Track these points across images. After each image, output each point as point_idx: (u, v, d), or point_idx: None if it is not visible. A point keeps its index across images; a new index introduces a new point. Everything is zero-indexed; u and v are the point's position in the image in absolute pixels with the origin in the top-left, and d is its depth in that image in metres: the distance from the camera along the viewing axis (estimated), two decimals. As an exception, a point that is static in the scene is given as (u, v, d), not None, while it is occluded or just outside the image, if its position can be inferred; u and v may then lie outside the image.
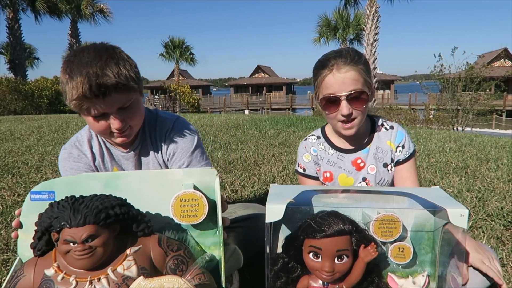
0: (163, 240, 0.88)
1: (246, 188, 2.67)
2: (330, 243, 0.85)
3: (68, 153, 1.33)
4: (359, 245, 0.88)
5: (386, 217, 0.87)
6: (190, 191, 0.94)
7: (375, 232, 0.88)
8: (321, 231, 0.85)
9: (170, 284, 0.72)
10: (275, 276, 0.92)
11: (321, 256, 0.86)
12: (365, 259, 0.87)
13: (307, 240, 0.88)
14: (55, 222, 0.75)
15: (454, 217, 0.80)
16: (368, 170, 1.40)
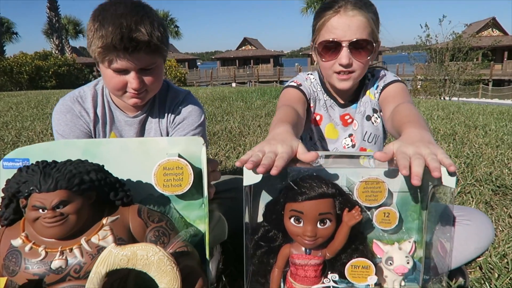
0: (143, 211, 0.82)
1: (231, 159, 2.62)
2: (312, 206, 0.81)
3: (68, 107, 1.24)
4: (343, 209, 0.83)
5: (371, 179, 0.82)
6: (174, 159, 0.88)
7: (359, 196, 0.83)
8: (303, 194, 0.80)
9: (144, 252, 0.66)
10: (256, 245, 0.88)
11: (303, 220, 0.82)
12: (349, 223, 0.82)
13: (288, 204, 0.84)
14: (23, 187, 0.68)
15: (443, 175, 0.73)
16: (353, 126, 1.35)
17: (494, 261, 1.35)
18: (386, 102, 1.24)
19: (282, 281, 0.90)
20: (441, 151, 0.75)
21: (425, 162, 0.72)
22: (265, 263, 0.89)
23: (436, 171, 0.70)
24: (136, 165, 0.91)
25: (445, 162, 0.72)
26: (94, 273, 0.66)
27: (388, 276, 0.87)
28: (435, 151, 0.74)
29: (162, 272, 0.69)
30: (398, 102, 1.16)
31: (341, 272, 0.85)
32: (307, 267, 0.84)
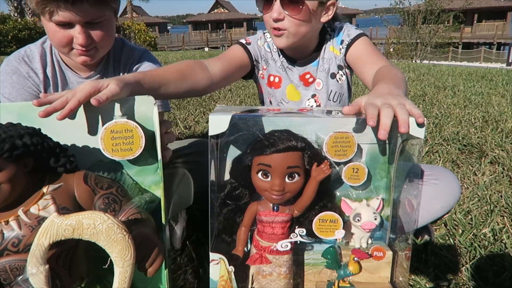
0: (90, 177, 0.75)
1: (200, 124, 2.55)
2: (280, 159, 0.77)
3: (14, 67, 1.13)
4: (312, 164, 0.80)
5: (341, 134, 0.79)
6: (122, 120, 0.80)
7: (329, 151, 0.80)
8: (271, 146, 0.77)
9: (90, 220, 0.61)
10: (222, 204, 0.84)
11: (271, 174, 0.78)
12: (317, 178, 0.79)
13: (256, 158, 0.80)
14: None
15: (412, 126, 0.70)
16: (315, 85, 1.27)
17: (458, 218, 1.38)
18: (360, 62, 1.18)
19: (249, 240, 0.87)
20: (409, 102, 0.72)
21: (393, 113, 0.69)
22: (231, 221, 0.86)
23: (404, 126, 0.67)
24: (81, 129, 0.83)
25: (414, 113, 0.69)
26: (36, 245, 0.60)
27: (355, 233, 0.86)
28: (403, 102, 0.71)
29: (113, 241, 0.64)
30: (377, 64, 1.11)
31: (309, 230, 0.83)
32: (275, 224, 0.82)
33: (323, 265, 0.90)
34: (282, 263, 0.83)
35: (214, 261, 0.80)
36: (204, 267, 1.04)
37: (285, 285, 0.84)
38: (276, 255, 0.82)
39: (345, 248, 0.87)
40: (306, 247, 0.90)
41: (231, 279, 0.80)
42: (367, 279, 0.86)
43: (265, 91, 1.33)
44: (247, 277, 0.86)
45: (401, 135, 0.80)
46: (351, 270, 0.83)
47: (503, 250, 1.20)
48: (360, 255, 0.82)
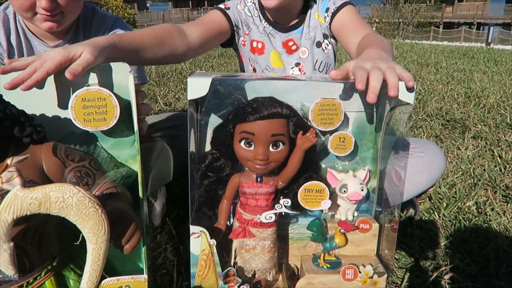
0: (59, 149, 0.69)
1: (181, 101, 2.48)
2: (264, 126, 0.72)
3: None
4: (297, 133, 0.76)
5: (327, 101, 0.74)
6: (94, 88, 0.74)
7: (315, 120, 0.76)
8: (254, 113, 0.72)
9: (59, 193, 0.55)
10: (203, 175, 0.80)
11: (254, 143, 0.74)
12: (303, 147, 0.75)
13: (238, 125, 0.75)
14: None
15: (401, 90, 0.68)
16: (300, 53, 1.21)
17: (443, 191, 1.37)
18: (345, 31, 1.14)
19: (232, 214, 0.83)
20: (399, 66, 0.69)
21: (383, 76, 0.66)
22: (213, 194, 0.82)
23: (393, 89, 0.64)
24: (50, 98, 0.76)
25: (404, 76, 0.67)
26: (-1, 221, 0.55)
27: (341, 205, 0.83)
28: (393, 66, 0.69)
29: (84, 216, 0.58)
30: (362, 32, 1.07)
31: (294, 201, 0.79)
32: (258, 196, 0.78)
33: (308, 239, 0.88)
34: (266, 236, 0.80)
35: (195, 234, 0.76)
36: (185, 245, 1.00)
37: (269, 259, 0.81)
38: (259, 228, 0.79)
39: (331, 221, 0.85)
40: (291, 220, 0.87)
41: (213, 253, 0.76)
42: (353, 252, 0.84)
43: (247, 59, 1.26)
44: (230, 252, 0.83)
45: (390, 102, 0.77)
46: (337, 242, 0.80)
47: (487, 222, 1.20)
48: (347, 227, 0.79)
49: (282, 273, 0.85)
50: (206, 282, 0.77)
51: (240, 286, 0.77)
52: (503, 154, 1.75)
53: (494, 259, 1.00)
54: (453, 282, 0.93)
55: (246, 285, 0.77)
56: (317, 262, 0.82)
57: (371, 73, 0.66)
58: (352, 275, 0.78)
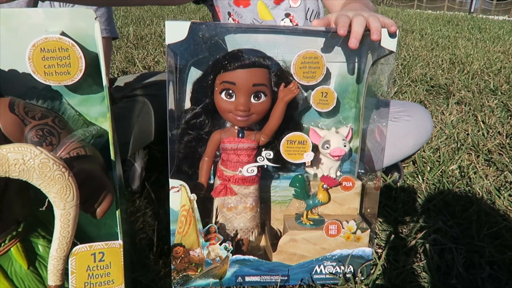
0: (17, 105, 0.63)
1: (161, 64, 2.38)
2: (245, 75, 0.69)
3: None
4: (279, 85, 0.72)
5: (309, 53, 0.71)
6: (54, 36, 0.66)
7: (297, 73, 0.72)
8: (235, 61, 0.69)
9: (18, 155, 0.49)
10: (183, 133, 0.76)
11: (235, 93, 0.70)
12: (285, 98, 0.72)
13: (219, 76, 0.71)
14: None
15: (384, 36, 0.67)
16: (291, 2, 1.12)
17: (427, 155, 1.36)
18: None
19: (212, 175, 0.80)
20: (381, 15, 0.68)
21: (366, 23, 0.65)
22: (192, 152, 0.78)
23: (376, 32, 0.64)
24: (3, 48, 0.68)
25: (387, 22, 0.66)
26: (-50, 187, 0.49)
27: (324, 163, 0.81)
28: (375, 14, 0.68)
29: (49, 180, 0.53)
30: None
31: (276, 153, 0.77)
32: (240, 151, 0.74)
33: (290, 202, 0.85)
34: (248, 193, 0.77)
35: (174, 188, 0.72)
36: (165, 209, 0.96)
37: (251, 218, 0.78)
38: (241, 185, 0.76)
39: (313, 180, 0.82)
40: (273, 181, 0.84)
41: (194, 209, 0.72)
42: (336, 211, 0.82)
43: (226, 14, 1.15)
44: (211, 212, 0.79)
45: (372, 53, 0.74)
46: (320, 198, 0.78)
47: (470, 185, 1.20)
48: (329, 181, 0.77)
49: (265, 234, 0.83)
50: (186, 240, 0.74)
51: (222, 243, 0.74)
52: (486, 119, 1.75)
53: (476, 221, 1.00)
54: (436, 244, 0.92)
55: (228, 243, 0.74)
56: (300, 220, 0.80)
57: (354, 19, 0.65)
58: (336, 231, 0.76)
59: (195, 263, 0.75)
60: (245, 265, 0.76)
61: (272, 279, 0.78)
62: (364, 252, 0.78)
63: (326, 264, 0.78)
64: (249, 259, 0.75)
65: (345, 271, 0.79)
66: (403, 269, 0.82)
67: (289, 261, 0.77)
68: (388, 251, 0.87)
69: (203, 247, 0.74)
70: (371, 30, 0.65)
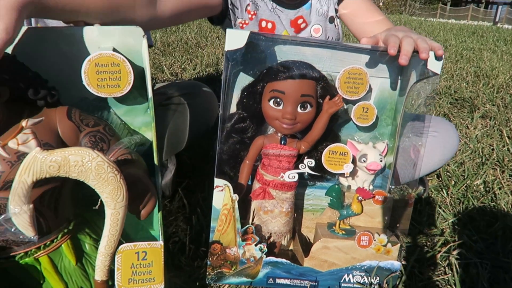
0: (74, 113, 0.68)
1: (187, 71, 2.45)
2: (294, 85, 0.74)
3: None
4: (324, 97, 0.78)
5: (354, 69, 0.76)
6: (107, 53, 0.72)
7: (341, 87, 0.77)
8: (287, 72, 0.74)
9: (78, 157, 0.55)
10: (227, 136, 0.80)
11: (283, 102, 0.75)
12: (329, 110, 0.77)
13: (269, 84, 0.76)
14: None
15: (430, 58, 0.72)
16: (312, 32, 1.13)
17: (452, 169, 1.37)
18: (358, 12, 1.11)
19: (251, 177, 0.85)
20: (428, 38, 0.73)
21: (415, 44, 0.71)
22: (235, 155, 0.83)
23: (425, 52, 0.69)
24: (61, 61, 0.74)
25: (434, 45, 0.72)
26: (18, 183, 0.54)
27: (359, 176, 0.85)
28: (423, 37, 0.73)
29: (103, 181, 0.58)
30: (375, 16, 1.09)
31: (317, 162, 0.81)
32: (281, 157, 0.79)
33: (321, 211, 0.88)
34: (285, 199, 0.81)
35: (219, 187, 0.76)
36: (197, 214, 1.01)
37: (285, 223, 0.82)
38: (280, 190, 0.80)
39: (347, 191, 0.86)
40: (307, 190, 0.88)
41: (234, 208, 0.76)
42: (367, 224, 0.85)
43: None
44: (248, 213, 0.83)
45: (416, 72, 0.78)
46: (354, 209, 0.81)
47: (495, 201, 1.21)
48: (365, 194, 0.80)
49: (296, 239, 0.87)
50: (224, 238, 0.78)
51: (257, 244, 0.78)
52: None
53: (501, 236, 1.01)
54: (461, 258, 0.93)
55: (263, 244, 0.78)
56: (332, 228, 0.84)
57: (404, 40, 0.71)
58: (367, 242, 0.79)
59: (230, 261, 0.79)
60: (277, 267, 0.79)
61: (302, 284, 0.81)
62: (392, 265, 0.81)
63: (355, 274, 0.81)
64: (282, 261, 0.79)
65: (371, 282, 0.82)
66: (428, 281, 0.85)
67: (319, 267, 0.80)
68: (413, 263, 0.89)
69: (239, 246, 0.78)
70: (420, 50, 0.70)
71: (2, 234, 0.61)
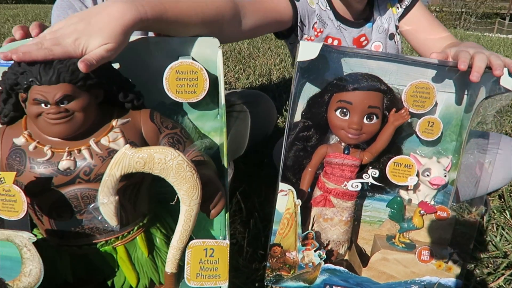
0: (155, 115, 0.74)
1: (241, 80, 2.51)
2: (362, 96, 0.76)
3: (69, 3, 1.12)
4: (390, 109, 0.79)
5: (422, 84, 0.77)
6: (187, 61, 0.78)
7: (407, 101, 0.79)
8: (355, 83, 0.76)
9: (162, 155, 0.59)
10: (292, 144, 0.83)
11: (350, 112, 0.78)
12: (395, 123, 0.78)
13: (336, 95, 0.79)
14: (22, 78, 0.59)
15: (504, 76, 0.72)
16: (373, 48, 1.15)
17: (515, 190, 1.32)
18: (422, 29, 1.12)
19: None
20: (501, 56, 0.73)
21: (487, 60, 0.70)
22: (298, 162, 0.85)
23: (499, 69, 0.69)
24: (144, 68, 0.81)
25: (507, 62, 0.71)
26: (108, 175, 0.60)
27: (421, 190, 0.84)
28: (496, 54, 0.73)
29: (182, 179, 0.62)
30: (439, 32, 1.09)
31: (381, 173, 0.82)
32: (344, 166, 0.81)
33: (379, 223, 0.89)
34: (345, 208, 0.82)
35: (283, 191, 0.78)
36: (254, 218, 1.04)
37: (344, 232, 0.84)
38: (341, 199, 0.82)
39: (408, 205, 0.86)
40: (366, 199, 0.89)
41: (297, 213, 0.79)
42: (427, 239, 0.85)
43: None
44: (307, 220, 0.85)
45: (486, 88, 0.78)
46: (415, 223, 0.81)
47: None
48: (427, 208, 0.80)
49: (352, 249, 0.87)
50: (285, 241, 0.80)
51: (317, 250, 0.80)
52: None
53: None
54: (526, 283, 0.90)
55: (322, 250, 0.80)
56: (391, 241, 0.84)
57: (476, 56, 0.70)
58: (428, 257, 0.79)
59: (289, 265, 0.81)
60: (335, 275, 0.81)
61: (358, 293, 0.82)
62: (453, 283, 0.80)
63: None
64: (340, 269, 0.80)
65: (430, 298, 0.81)
66: (490, 303, 0.82)
67: (377, 279, 0.80)
68: (475, 285, 0.87)
69: (299, 251, 0.80)
70: (493, 67, 0.70)
71: (90, 221, 0.68)
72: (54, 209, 0.67)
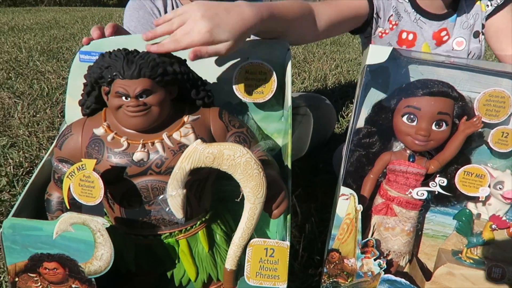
0: (224, 114, 0.76)
1: (296, 84, 2.51)
2: (431, 102, 0.73)
3: (140, 3, 1.19)
4: (461, 117, 0.75)
5: (496, 92, 0.73)
6: (257, 62, 0.79)
7: (479, 109, 0.75)
8: (424, 88, 0.73)
9: (231, 152, 0.60)
10: (353, 150, 0.81)
11: (418, 118, 0.74)
12: (466, 131, 0.74)
13: (404, 100, 0.76)
14: (106, 72, 0.63)
15: None
16: (454, 45, 1.08)
17: None
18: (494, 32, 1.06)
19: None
20: None
21: None
22: (359, 168, 0.83)
23: None
24: (213, 68, 0.83)
25: None
26: (178, 168, 0.62)
27: (492, 203, 0.79)
28: None
29: (248, 176, 0.63)
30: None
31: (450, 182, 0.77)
32: (408, 174, 0.78)
33: (443, 238, 0.84)
34: (408, 218, 0.79)
35: (344, 195, 0.76)
36: (310, 223, 1.03)
37: (406, 243, 0.80)
38: (403, 208, 0.79)
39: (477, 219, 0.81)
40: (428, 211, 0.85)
41: (357, 219, 0.76)
42: (496, 256, 0.79)
43: None
44: (367, 228, 0.83)
45: None
46: (485, 237, 0.76)
47: None
48: (500, 223, 0.75)
49: (414, 262, 0.84)
50: (344, 247, 0.78)
51: (376, 259, 0.77)
52: None
53: None
54: None
55: (382, 260, 0.77)
56: (458, 256, 0.79)
57: None
58: (499, 275, 0.74)
59: (347, 272, 0.79)
60: (395, 286, 0.78)
61: (421, 307, 0.78)
62: (526, 304, 0.74)
63: (482, 308, 0.76)
64: (400, 281, 0.77)
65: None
66: None
67: (442, 294, 0.76)
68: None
69: (357, 258, 0.78)
70: None
71: (158, 212, 0.71)
72: (125, 198, 0.70)
